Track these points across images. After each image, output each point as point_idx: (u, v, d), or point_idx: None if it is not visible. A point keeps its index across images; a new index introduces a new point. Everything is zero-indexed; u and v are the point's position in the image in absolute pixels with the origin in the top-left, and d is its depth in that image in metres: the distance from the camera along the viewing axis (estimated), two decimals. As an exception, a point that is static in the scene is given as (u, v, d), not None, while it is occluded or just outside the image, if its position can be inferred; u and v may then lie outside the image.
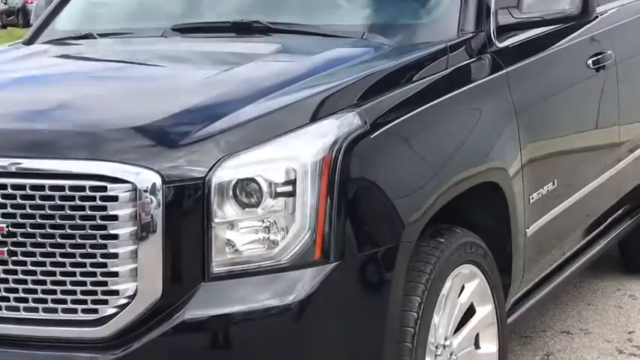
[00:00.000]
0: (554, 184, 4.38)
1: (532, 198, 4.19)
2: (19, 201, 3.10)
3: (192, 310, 3.05)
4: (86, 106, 3.58)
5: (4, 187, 3.12)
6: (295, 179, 3.10)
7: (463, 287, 3.73)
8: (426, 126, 3.58)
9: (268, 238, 3.10)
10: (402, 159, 3.44)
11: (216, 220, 3.08)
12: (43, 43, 4.75)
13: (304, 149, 3.13)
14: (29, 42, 4.83)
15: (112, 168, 3.07)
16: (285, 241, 3.10)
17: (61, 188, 3.07)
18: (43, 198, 3.09)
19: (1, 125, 3.40)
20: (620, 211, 5.50)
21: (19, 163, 3.14)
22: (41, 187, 3.09)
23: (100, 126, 3.26)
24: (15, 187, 3.11)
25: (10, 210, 3.11)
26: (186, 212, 3.08)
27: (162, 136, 3.17)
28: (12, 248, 3.12)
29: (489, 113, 3.97)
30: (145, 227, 3.04)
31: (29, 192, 3.09)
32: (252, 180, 3.10)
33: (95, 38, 4.59)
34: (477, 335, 3.85)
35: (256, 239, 3.10)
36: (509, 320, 4.21)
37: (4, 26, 44.54)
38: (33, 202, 3.09)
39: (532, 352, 4.96)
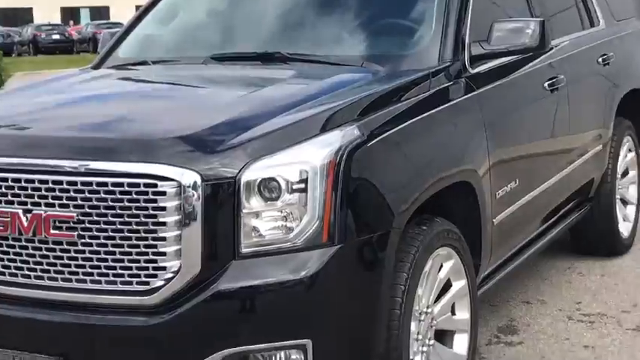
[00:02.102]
0: (516, 182, 4.44)
1: (498, 194, 4.25)
2: (87, 195, 3.18)
3: (224, 283, 3.13)
4: (141, 119, 3.70)
5: (74, 183, 3.20)
6: (307, 179, 3.18)
7: (442, 265, 3.79)
8: (412, 136, 3.65)
9: (285, 225, 3.18)
10: (393, 163, 3.52)
11: (244, 210, 3.15)
12: (107, 67, 4.85)
13: (314, 155, 3.20)
14: (96, 67, 4.93)
15: (161, 169, 3.14)
16: (299, 227, 3.17)
17: (121, 185, 3.15)
18: (106, 192, 3.17)
19: (73, 134, 3.51)
20: (570, 205, 5.56)
21: (87, 165, 3.22)
22: (105, 184, 3.17)
23: (152, 135, 3.35)
24: (84, 183, 3.19)
25: (79, 202, 3.19)
26: (220, 204, 3.16)
27: (202, 143, 3.25)
28: (81, 232, 3.20)
29: (463, 126, 4.04)
30: (187, 216, 3.12)
31: (95, 188, 3.17)
32: (273, 179, 3.17)
33: (149, 64, 4.69)
34: (453, 304, 3.91)
35: (276, 226, 3.18)
36: (479, 292, 4.27)
37: (78, 52, 44.85)
38: (98, 195, 3.17)
39: (498, 319, 5.02)
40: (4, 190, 3.32)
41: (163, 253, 3.14)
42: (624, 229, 6.23)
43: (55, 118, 3.81)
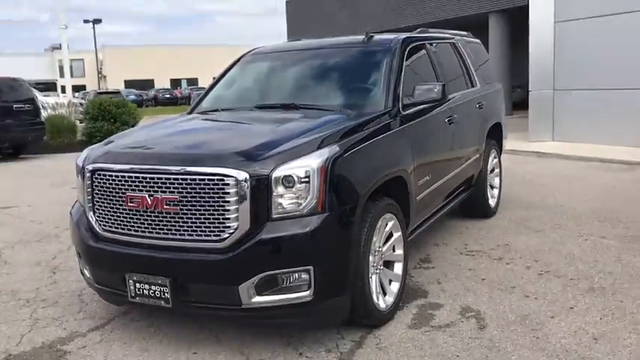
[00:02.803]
0: (429, 176, 4.47)
1: (419, 182, 4.28)
2: (184, 185, 3.23)
3: (263, 234, 3.17)
4: (214, 142, 3.73)
5: (177, 179, 3.25)
6: (309, 176, 3.22)
7: (387, 224, 3.83)
8: (370, 150, 3.68)
9: (297, 202, 3.22)
10: (359, 165, 3.53)
11: (274, 193, 3.18)
12: (195, 113, 4.86)
13: (313, 162, 3.25)
14: (189, 113, 4.95)
15: (226, 170, 3.19)
16: (305, 203, 3.22)
17: (203, 180, 3.20)
18: (195, 184, 3.20)
19: (176, 150, 3.53)
20: (461, 189, 5.59)
21: (184, 168, 3.26)
22: (194, 179, 3.21)
23: (220, 151, 3.40)
24: (182, 179, 3.23)
25: (180, 190, 3.24)
26: (260, 190, 3.19)
27: (249, 156, 3.29)
28: (181, 207, 3.23)
29: (399, 145, 4.06)
30: (241, 197, 3.16)
31: (189, 182, 3.22)
32: (290, 176, 3.21)
33: (219, 111, 4.72)
34: (394, 246, 3.94)
35: (292, 202, 3.22)
36: (409, 239, 4.30)
37: (180, 104, 45.00)
38: (191, 186, 3.20)
39: (420, 254, 5.06)
40: (137, 183, 3.36)
41: (228, 218, 3.17)
42: (492, 202, 6.26)
43: (165, 142, 3.84)
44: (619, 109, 10.61)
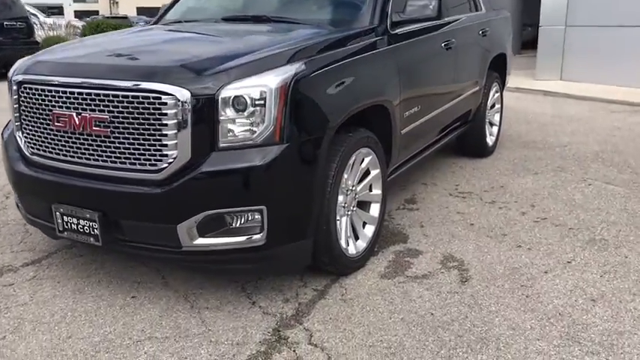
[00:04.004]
0: (418, 108, 3.81)
1: (405, 114, 3.64)
2: (115, 104, 2.61)
3: (206, 167, 2.57)
4: (160, 54, 3.06)
5: (107, 95, 2.62)
6: (265, 98, 2.58)
7: (363, 159, 3.23)
8: (345, 71, 3.01)
9: (250, 129, 2.59)
10: (329, 89, 2.86)
11: (221, 117, 2.57)
12: (159, 24, 4.16)
13: (271, 81, 2.60)
14: (153, 24, 4.24)
15: (164, 87, 2.55)
16: (259, 131, 2.59)
17: (137, 97, 2.58)
18: (127, 102, 2.59)
19: (108, 62, 2.88)
20: (457, 124, 4.93)
21: (114, 83, 2.63)
22: (126, 97, 2.59)
23: (160, 64, 2.73)
24: (113, 96, 2.61)
25: (110, 108, 2.62)
26: (204, 113, 2.56)
27: (192, 70, 2.63)
28: (112, 129, 2.63)
29: (383, 68, 3.38)
30: (181, 120, 2.54)
31: (120, 99, 2.60)
32: (241, 97, 2.58)
33: (182, 22, 4.01)
34: (371, 185, 3.36)
35: (243, 130, 2.59)
36: (391, 177, 3.72)
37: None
38: (122, 104, 2.60)
39: (405, 193, 4.48)
40: (65, 99, 2.74)
41: (166, 145, 2.57)
42: (490, 140, 5.60)
43: (104, 52, 3.13)
44: (631, 49, 9.78)
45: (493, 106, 5.68)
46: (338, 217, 3.02)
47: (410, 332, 2.65)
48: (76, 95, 2.71)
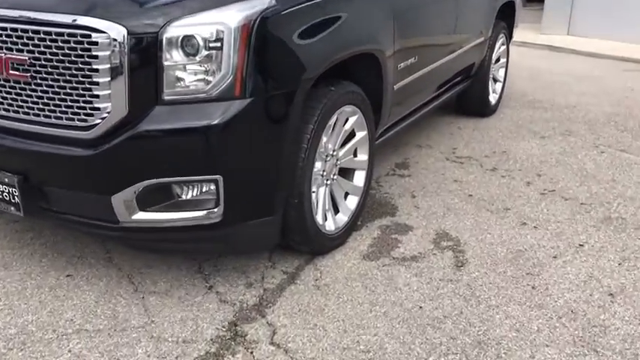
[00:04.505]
0: (415, 59, 3.26)
1: (400, 66, 3.10)
2: (36, 42, 2.05)
3: (146, 124, 2.04)
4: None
5: (26, 31, 2.07)
6: (223, 38, 2.03)
7: (347, 119, 2.72)
8: (329, 10, 2.45)
9: (203, 78, 2.06)
10: (305, 32, 2.29)
11: (166, 62, 2.02)
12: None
13: (230, 18, 2.04)
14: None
15: (94, 22, 2.00)
16: (215, 81, 2.05)
17: (62, 34, 2.02)
18: (51, 40, 2.04)
19: None
20: (457, 79, 4.38)
21: (35, 16, 2.07)
22: (49, 33, 2.04)
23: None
24: (34, 32, 2.06)
25: (30, 48, 2.07)
26: (144, 56, 2.01)
27: (131, 3, 2.08)
28: (33, 74, 2.09)
29: (376, 11, 2.81)
30: (115, 65, 2.00)
31: (42, 36, 2.04)
32: (192, 37, 2.02)
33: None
34: (356, 149, 2.86)
35: (194, 79, 2.05)
36: (381, 140, 3.22)
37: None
38: (44, 43, 2.05)
39: (397, 157, 3.97)
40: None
41: (97, 96, 2.03)
42: (493, 98, 5.05)
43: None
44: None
45: (498, 60, 5.12)
46: (314, 188, 2.54)
47: (393, 331, 2.20)
48: (-13, 31, 2.16)
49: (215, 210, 2.16)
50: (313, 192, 2.52)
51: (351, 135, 2.79)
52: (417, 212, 3.17)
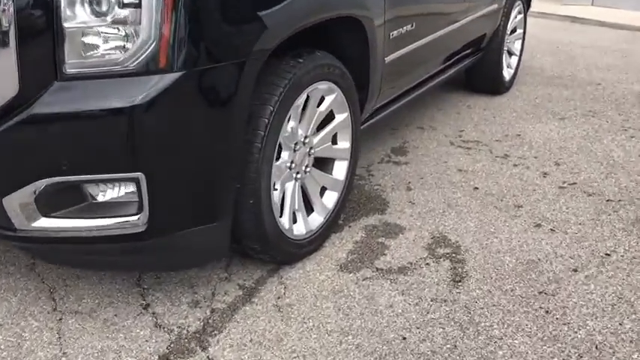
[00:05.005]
0: (412, 26, 2.73)
1: (392, 34, 2.57)
2: None
3: (42, 106, 1.54)
4: None
5: None
6: (141, -8, 1.53)
7: (323, 98, 2.22)
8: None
9: (118, 45, 1.55)
10: None
11: (68, 25, 1.53)
12: None
13: (150, -36, 1.54)
14: None
15: None
16: (133, 49, 1.55)
17: None
18: None
19: None
20: (465, 52, 3.84)
21: None
22: None
23: None
24: None
25: None
26: (38, 16, 1.53)
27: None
28: None
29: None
30: (-2, 29, 1.51)
31: None
32: (100, -10, 1.53)
33: None
34: (335, 135, 2.36)
35: (107, 47, 1.55)
36: (370, 122, 2.72)
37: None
38: None
39: (394, 140, 3.46)
40: None
41: (-23, 70, 1.57)
42: (507, 73, 4.49)
43: None
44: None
45: (514, 30, 4.54)
46: (277, 185, 2.05)
47: (366, 372, 1.73)
48: None
49: (137, 217, 1.68)
50: (276, 189, 2.04)
51: (329, 117, 2.29)
52: (412, 209, 2.67)
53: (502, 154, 3.33)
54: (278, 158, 2.05)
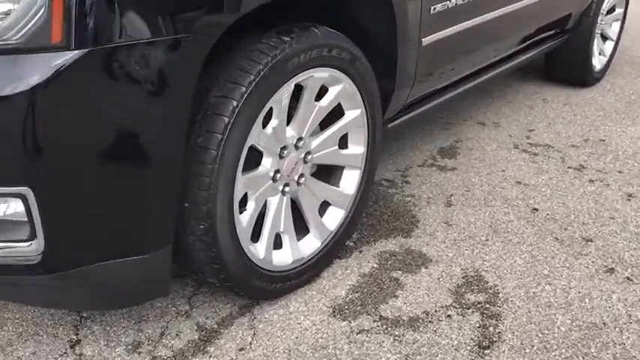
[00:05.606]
0: (463, -1, 2.13)
1: (434, 8, 1.98)
2: None
3: None
4: None
5: None
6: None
7: (327, 90, 1.70)
8: None
9: (-6, 12, 1.11)
10: None
11: None
12: None
13: None
14: None
15: None
16: (13, 18, 1.11)
17: None
18: None
19: None
20: (544, 34, 3.14)
21: None
22: None
23: None
24: None
25: None
26: None
27: None
28: None
29: None
30: None
31: None
32: None
33: None
34: (346, 137, 1.83)
35: (-19, 13, 1.12)
36: (402, 120, 2.17)
37: None
38: None
39: (445, 138, 2.87)
40: None
41: None
42: (598, 62, 3.73)
43: None
44: None
45: (612, 10, 3.77)
46: (250, 203, 1.56)
47: None
48: None
49: (28, 245, 1.24)
50: (244, 210, 1.55)
51: (335, 115, 1.77)
52: (446, 233, 2.11)
53: (577, 165, 2.67)
54: (253, 168, 1.56)
